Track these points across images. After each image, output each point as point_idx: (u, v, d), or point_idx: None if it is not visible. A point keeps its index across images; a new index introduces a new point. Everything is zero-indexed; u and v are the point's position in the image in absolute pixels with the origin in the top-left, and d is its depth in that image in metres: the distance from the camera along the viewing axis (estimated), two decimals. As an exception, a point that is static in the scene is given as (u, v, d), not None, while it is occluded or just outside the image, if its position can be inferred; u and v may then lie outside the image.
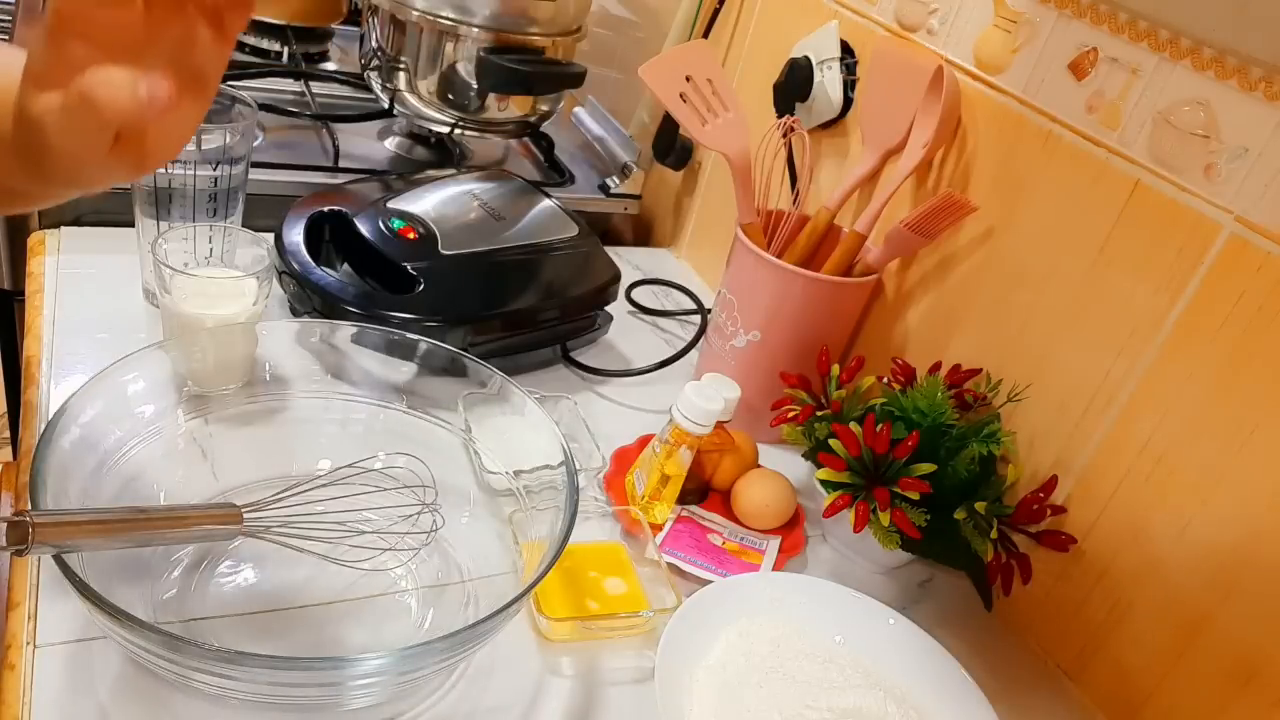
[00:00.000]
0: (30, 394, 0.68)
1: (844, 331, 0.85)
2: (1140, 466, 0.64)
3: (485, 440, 0.66)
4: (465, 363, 0.66)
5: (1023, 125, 0.71)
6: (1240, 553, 0.59)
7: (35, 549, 0.43)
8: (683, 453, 0.70)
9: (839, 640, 0.64)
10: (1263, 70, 0.57)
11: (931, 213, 0.73)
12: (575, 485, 0.57)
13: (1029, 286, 0.71)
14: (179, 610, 0.55)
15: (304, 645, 0.57)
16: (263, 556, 0.59)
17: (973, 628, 0.72)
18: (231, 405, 0.65)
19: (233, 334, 0.66)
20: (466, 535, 0.64)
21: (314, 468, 0.64)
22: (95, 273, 0.81)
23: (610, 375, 0.88)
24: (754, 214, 0.81)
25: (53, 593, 0.55)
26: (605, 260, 0.91)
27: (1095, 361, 0.67)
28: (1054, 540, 0.67)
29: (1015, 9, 0.72)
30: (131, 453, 0.58)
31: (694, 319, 0.99)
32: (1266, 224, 0.57)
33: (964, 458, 0.67)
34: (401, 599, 0.61)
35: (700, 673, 0.59)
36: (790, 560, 0.72)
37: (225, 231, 0.74)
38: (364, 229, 0.82)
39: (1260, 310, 0.57)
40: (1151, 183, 0.63)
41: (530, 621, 0.62)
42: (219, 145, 0.72)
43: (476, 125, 1.05)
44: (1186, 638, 0.62)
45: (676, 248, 1.15)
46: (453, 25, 0.97)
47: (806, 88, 0.88)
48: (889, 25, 0.82)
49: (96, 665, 0.52)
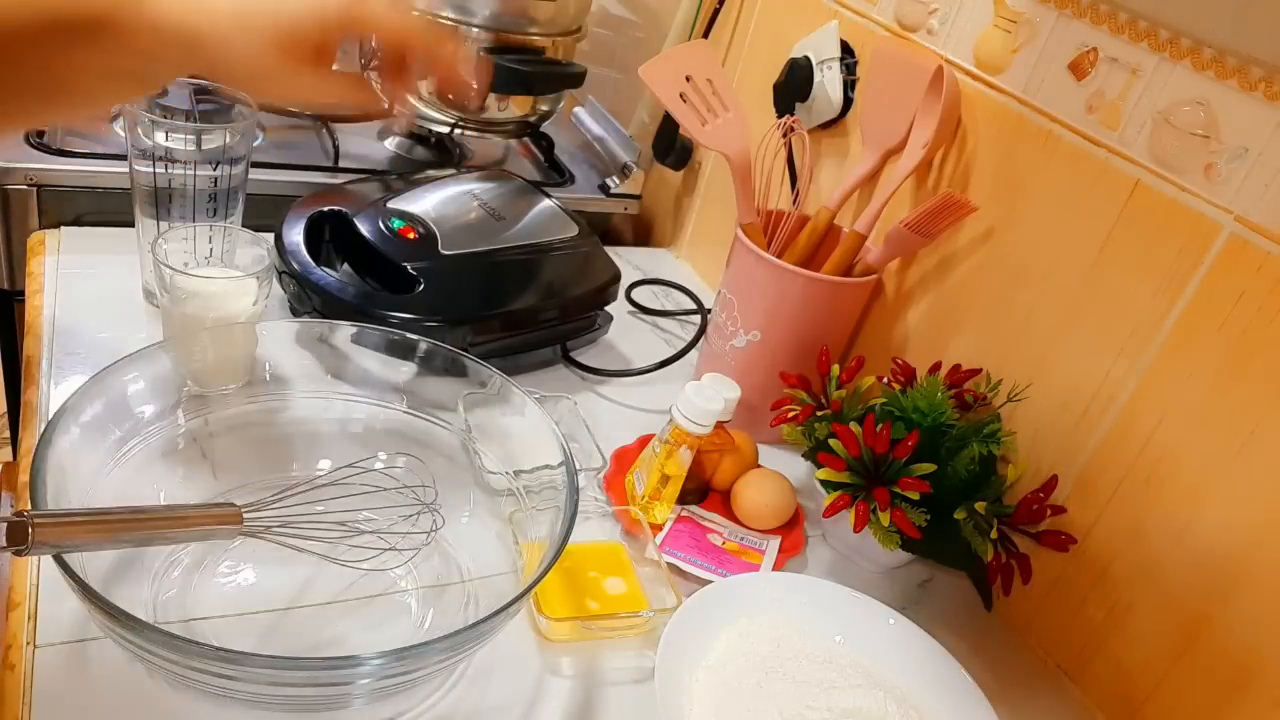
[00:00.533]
0: (30, 394, 0.68)
1: (844, 331, 0.85)
2: (1140, 466, 0.64)
3: (485, 440, 0.66)
4: (465, 363, 0.66)
5: (1023, 125, 0.71)
6: (1240, 553, 0.59)
7: (35, 549, 0.43)
8: (683, 453, 0.70)
9: (839, 640, 0.64)
10: (1263, 70, 0.57)
11: (931, 213, 0.73)
12: (575, 485, 0.57)
13: (1029, 286, 0.71)
14: (179, 610, 0.55)
15: (304, 645, 0.57)
16: (263, 556, 0.59)
17: (973, 628, 0.72)
18: (231, 405, 0.65)
19: (233, 334, 0.66)
20: (466, 535, 0.64)
21: (314, 468, 0.64)
22: (95, 273, 0.81)
23: (610, 375, 0.88)
24: (754, 214, 0.81)
25: (53, 593, 0.55)
26: (605, 260, 0.91)
27: (1095, 361, 0.67)
28: (1054, 540, 0.67)
29: (1015, 9, 0.72)
30: (131, 453, 0.58)
31: (694, 319, 0.99)
32: (1266, 224, 0.57)
33: (964, 458, 0.67)
34: (401, 599, 0.61)
35: (700, 673, 0.59)
36: (790, 560, 0.72)
37: (225, 231, 0.74)
38: (364, 229, 0.82)
39: (1260, 310, 0.57)
40: (1151, 183, 0.63)
41: (530, 621, 0.62)
42: (219, 145, 0.72)
43: (476, 125, 1.05)
44: (1186, 638, 0.62)
45: (676, 248, 1.15)
46: (453, 25, 0.97)
47: (806, 88, 0.88)
48: (889, 25, 0.82)
49: (96, 665, 0.52)
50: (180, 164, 0.71)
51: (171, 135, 0.71)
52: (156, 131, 0.71)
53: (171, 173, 0.71)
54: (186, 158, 0.71)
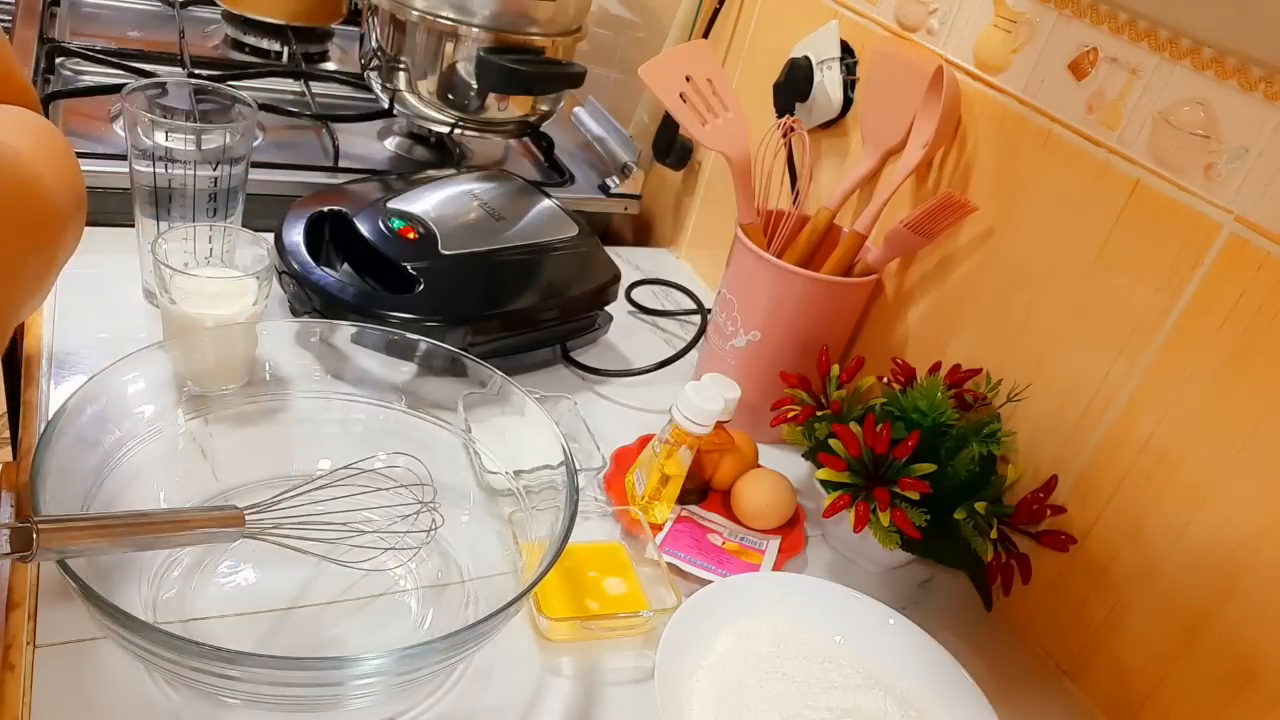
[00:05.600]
0: (30, 394, 0.68)
1: (844, 331, 0.85)
2: (1140, 466, 0.64)
3: (485, 440, 0.66)
4: (465, 363, 0.66)
5: (1023, 125, 0.71)
6: (1240, 553, 0.59)
7: (40, 554, 0.43)
8: (683, 453, 0.70)
9: (839, 640, 0.64)
10: (1263, 70, 0.57)
11: (931, 213, 0.73)
12: (575, 485, 0.57)
13: (1029, 286, 0.71)
14: (179, 610, 0.55)
15: (304, 645, 0.57)
16: (263, 556, 0.59)
17: (973, 628, 0.72)
18: (231, 405, 0.65)
19: (233, 334, 0.66)
20: (466, 535, 0.64)
21: (314, 468, 0.64)
22: (95, 273, 0.80)
23: (610, 375, 0.88)
24: (754, 214, 0.81)
25: (53, 593, 0.55)
26: (605, 260, 0.91)
27: (1095, 361, 0.67)
28: (1054, 540, 0.67)
29: (1015, 9, 0.72)
30: (131, 453, 0.58)
31: (694, 319, 0.99)
32: (1266, 224, 0.57)
33: (964, 458, 0.67)
34: (401, 599, 0.61)
35: (700, 673, 0.59)
36: (790, 560, 0.72)
37: (225, 231, 0.74)
38: (364, 229, 0.82)
39: (1260, 310, 0.57)
40: (1151, 183, 0.63)
41: (530, 621, 0.62)
42: (219, 145, 0.72)
43: (476, 125, 1.05)
44: (1186, 638, 0.62)
45: (676, 248, 1.15)
46: (453, 25, 0.97)
47: (806, 88, 0.88)
48: (889, 25, 0.82)
49: (96, 665, 0.52)
50: (180, 164, 0.71)
51: (171, 135, 0.71)
52: (156, 131, 0.71)
53: (171, 173, 0.71)
54: (186, 158, 0.71)
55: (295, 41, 1.22)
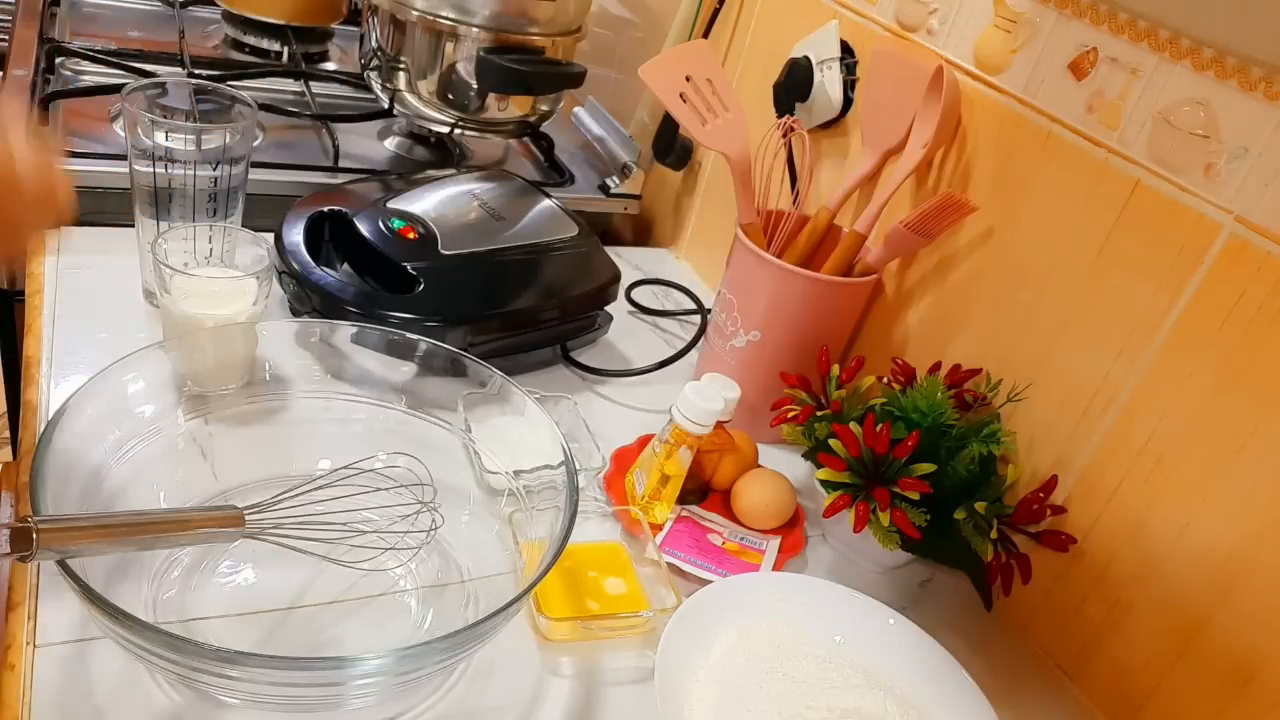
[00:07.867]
0: (30, 394, 0.68)
1: (844, 331, 0.85)
2: (1140, 466, 0.64)
3: (485, 440, 0.66)
4: (465, 363, 0.66)
5: (1022, 125, 0.71)
6: (1240, 553, 0.59)
7: (40, 554, 0.43)
8: (683, 453, 0.70)
9: (839, 640, 0.64)
10: (1263, 70, 0.57)
11: (931, 213, 0.73)
12: (575, 485, 0.57)
13: (1029, 286, 0.71)
14: (179, 610, 0.55)
15: (304, 645, 0.57)
16: (263, 556, 0.59)
17: (973, 628, 0.72)
18: (231, 405, 0.65)
19: (233, 334, 0.66)
20: (466, 535, 0.64)
21: (314, 468, 0.64)
22: (95, 273, 0.81)
23: (610, 375, 0.88)
24: (754, 214, 0.81)
25: (52, 593, 0.55)
26: (605, 260, 0.91)
27: (1095, 361, 0.67)
28: (1054, 540, 0.67)
29: (1015, 9, 0.72)
30: (131, 453, 0.58)
31: (694, 319, 0.99)
32: (1266, 224, 0.57)
33: (964, 458, 0.67)
34: (401, 599, 0.61)
35: (700, 673, 0.59)
36: (790, 560, 0.72)
37: (225, 231, 0.74)
38: (364, 229, 0.82)
39: (1260, 310, 0.57)
40: (1151, 183, 0.63)
41: (530, 621, 0.62)
42: (219, 145, 0.72)
43: (476, 125, 1.05)
44: (1186, 638, 0.62)
45: (676, 248, 1.15)
46: (452, 25, 0.97)
47: (806, 88, 0.88)
48: (889, 25, 0.82)
49: (96, 665, 0.52)
50: (180, 164, 0.71)
51: (171, 135, 0.71)
52: (156, 131, 0.71)
53: (171, 173, 0.71)
54: (186, 158, 0.71)
55: (295, 41, 1.22)
